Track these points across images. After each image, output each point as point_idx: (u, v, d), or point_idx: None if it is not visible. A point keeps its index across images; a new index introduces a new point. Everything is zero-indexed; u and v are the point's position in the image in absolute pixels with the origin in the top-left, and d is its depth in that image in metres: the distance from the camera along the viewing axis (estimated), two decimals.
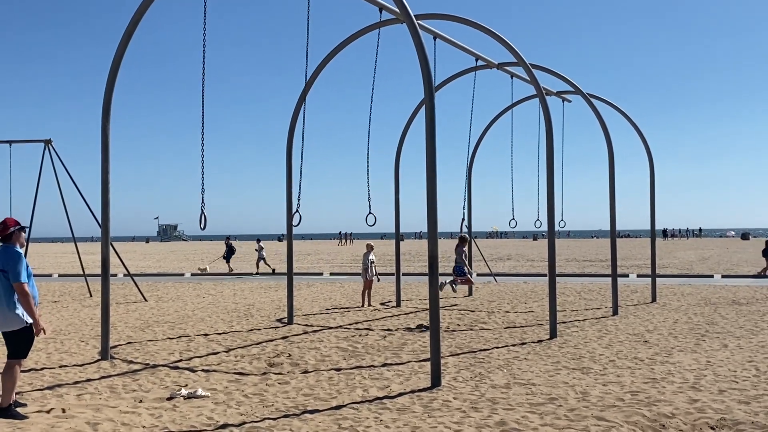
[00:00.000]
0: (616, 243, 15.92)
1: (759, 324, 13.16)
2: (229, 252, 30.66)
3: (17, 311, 6.98)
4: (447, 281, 17.03)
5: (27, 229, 7.36)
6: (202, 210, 9.85)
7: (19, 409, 7.09)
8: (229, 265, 30.73)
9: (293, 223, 12.22)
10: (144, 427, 6.68)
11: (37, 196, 18.86)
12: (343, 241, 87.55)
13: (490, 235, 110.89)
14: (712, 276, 25.68)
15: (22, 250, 7.24)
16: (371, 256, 17.21)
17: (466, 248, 17.19)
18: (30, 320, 7.03)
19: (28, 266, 7.14)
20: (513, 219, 17.77)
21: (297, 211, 12.10)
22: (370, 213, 12.49)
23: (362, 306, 16.75)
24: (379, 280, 18.39)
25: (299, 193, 12.10)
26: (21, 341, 7.07)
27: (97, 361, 10.13)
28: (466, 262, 17.17)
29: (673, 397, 7.61)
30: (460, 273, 16.97)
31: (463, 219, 17.54)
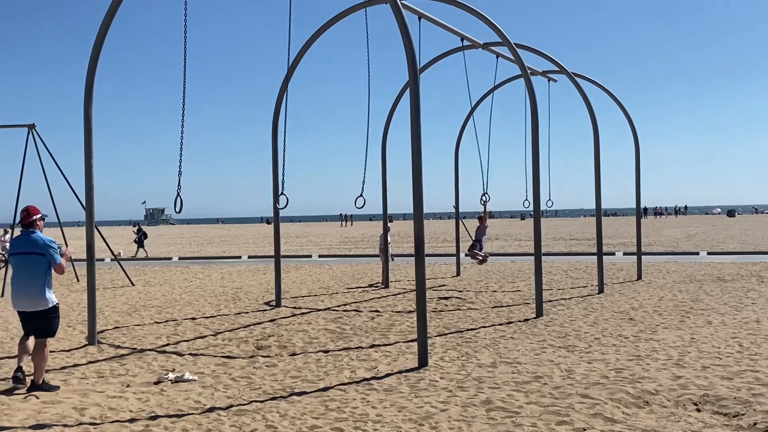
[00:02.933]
0: (601, 221, 16.03)
1: (743, 300, 13.29)
2: (142, 237, 33.16)
3: (47, 293, 7.44)
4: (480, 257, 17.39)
5: (46, 218, 7.81)
6: (178, 193, 9.72)
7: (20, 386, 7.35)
8: (141, 250, 32.90)
9: (279, 206, 12.19)
10: (131, 411, 6.69)
11: (21, 181, 18.70)
12: (344, 222, 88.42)
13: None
14: (697, 253, 25.90)
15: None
16: (388, 238, 17.42)
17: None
18: (56, 301, 7.59)
19: None
20: (485, 193, 17.32)
21: (282, 192, 12.09)
22: (360, 196, 12.41)
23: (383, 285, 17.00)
24: (393, 260, 18.75)
25: (283, 175, 12.13)
26: (52, 320, 7.54)
27: (84, 346, 10.12)
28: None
29: (657, 373, 7.69)
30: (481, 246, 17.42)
31: (485, 201, 17.37)
